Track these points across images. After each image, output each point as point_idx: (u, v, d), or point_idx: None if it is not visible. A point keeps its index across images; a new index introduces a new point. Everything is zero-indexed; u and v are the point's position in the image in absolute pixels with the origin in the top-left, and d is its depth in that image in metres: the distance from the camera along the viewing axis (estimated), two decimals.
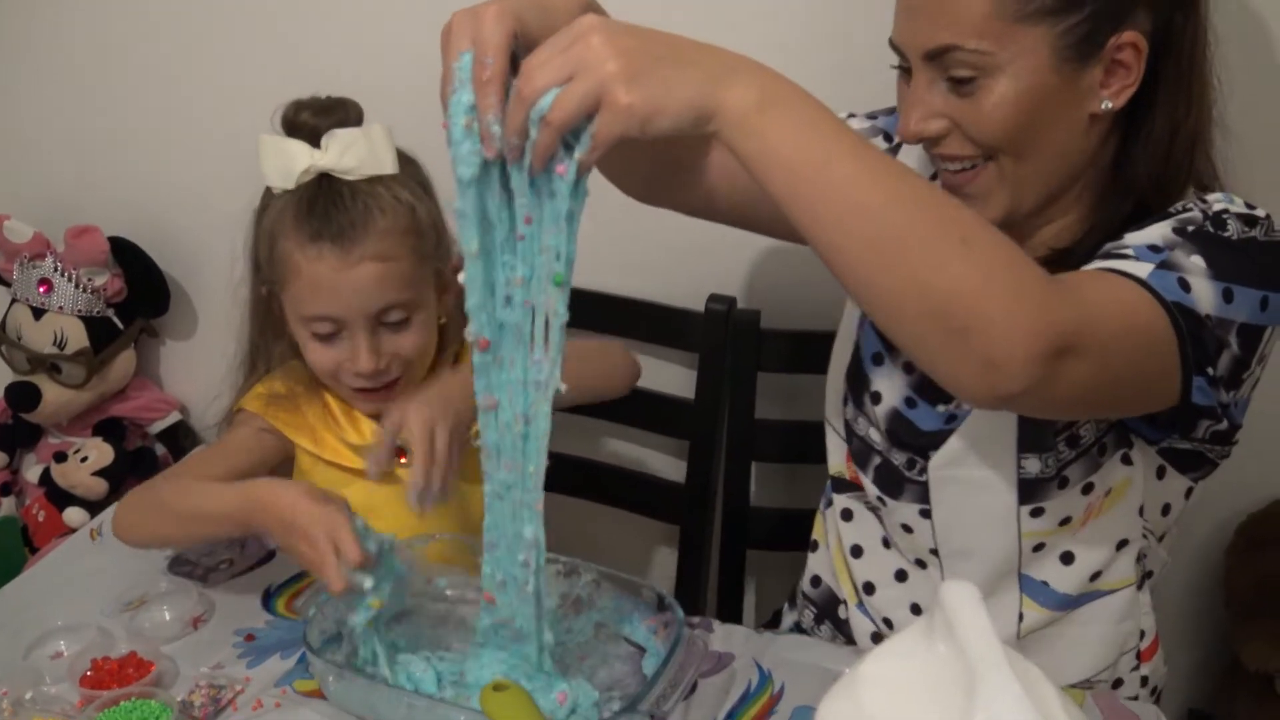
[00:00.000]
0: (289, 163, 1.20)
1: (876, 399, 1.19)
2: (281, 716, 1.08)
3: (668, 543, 1.63)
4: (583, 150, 0.82)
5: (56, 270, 1.78)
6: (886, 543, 1.24)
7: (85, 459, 1.80)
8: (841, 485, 1.28)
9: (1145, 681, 1.22)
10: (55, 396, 1.81)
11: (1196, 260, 0.96)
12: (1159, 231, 0.99)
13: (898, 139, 1.22)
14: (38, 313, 1.79)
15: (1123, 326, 0.92)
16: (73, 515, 1.80)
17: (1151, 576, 1.20)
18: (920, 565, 1.21)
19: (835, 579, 1.31)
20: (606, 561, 1.17)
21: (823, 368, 1.30)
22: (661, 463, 1.68)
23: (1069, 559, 1.14)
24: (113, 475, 1.80)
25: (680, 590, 1.59)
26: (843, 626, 1.30)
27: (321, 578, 1.06)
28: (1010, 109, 1.00)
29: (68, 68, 1.80)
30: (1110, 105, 1.01)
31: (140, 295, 1.84)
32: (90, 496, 1.80)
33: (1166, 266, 0.95)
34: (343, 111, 1.22)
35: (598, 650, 1.14)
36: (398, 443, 1.29)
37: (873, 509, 1.24)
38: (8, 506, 1.87)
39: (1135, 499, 1.12)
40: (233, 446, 1.31)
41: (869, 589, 1.25)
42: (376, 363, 1.24)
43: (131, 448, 1.87)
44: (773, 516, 1.61)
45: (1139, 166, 1.05)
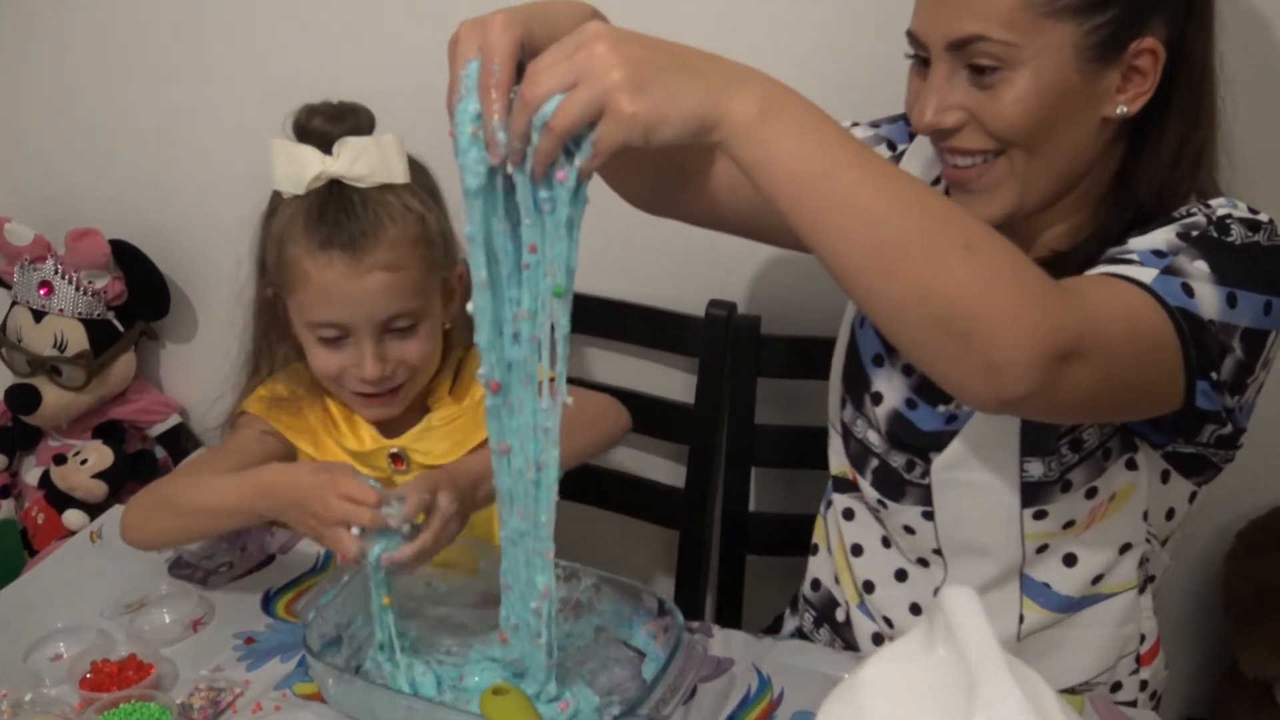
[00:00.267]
0: (300, 168, 1.20)
1: (877, 400, 1.20)
2: (281, 719, 1.08)
3: (667, 548, 1.63)
4: (584, 157, 0.82)
5: (57, 273, 1.78)
6: (886, 542, 1.24)
7: (85, 461, 1.81)
8: (843, 485, 1.28)
9: (1144, 686, 1.22)
10: (55, 399, 1.81)
11: (1200, 265, 0.96)
12: (1163, 236, 0.99)
13: (902, 147, 1.23)
14: (38, 315, 1.79)
15: (1126, 331, 0.92)
16: (72, 518, 1.80)
17: (1154, 580, 1.20)
18: (922, 564, 1.21)
19: (835, 581, 1.31)
20: (606, 566, 1.17)
21: (822, 373, 1.30)
22: (661, 468, 1.68)
23: (1071, 561, 1.14)
24: (112, 478, 1.81)
25: (680, 595, 1.60)
26: (841, 629, 1.30)
27: (335, 546, 1.06)
28: (1030, 103, 1.00)
29: (69, 71, 1.80)
30: (1125, 110, 1.02)
31: (140, 298, 1.84)
32: (90, 499, 1.80)
33: (1170, 272, 0.95)
34: (355, 118, 1.22)
35: (597, 655, 1.14)
36: (393, 450, 1.30)
37: (872, 510, 1.24)
38: (7, 509, 1.87)
39: (1140, 503, 1.12)
40: (236, 449, 1.31)
41: (869, 588, 1.25)
42: (382, 369, 1.24)
43: (131, 450, 1.87)
44: (772, 522, 1.61)
45: (1143, 176, 1.05)
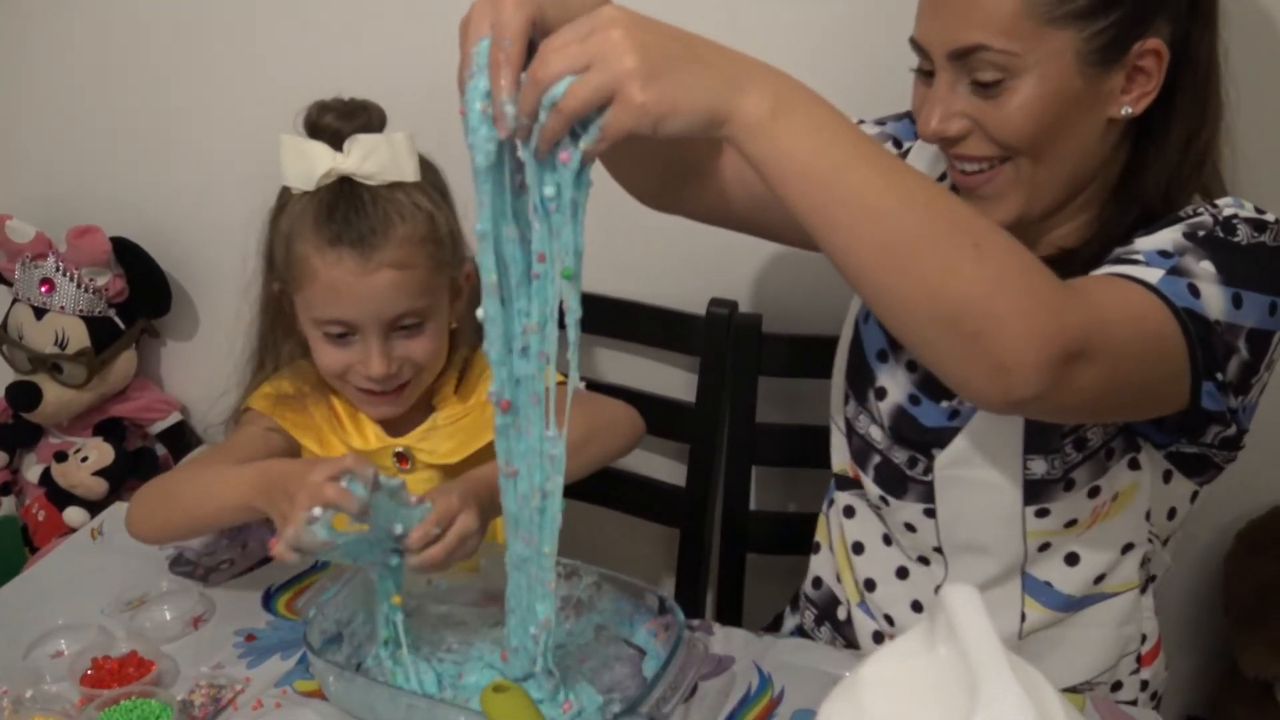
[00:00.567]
0: (310, 164, 1.19)
1: (881, 395, 1.20)
2: (282, 717, 1.08)
3: (668, 546, 1.63)
4: (589, 140, 0.82)
5: (58, 270, 1.78)
6: (888, 540, 1.24)
7: (85, 459, 1.81)
8: (845, 483, 1.29)
9: (1145, 686, 1.22)
10: (56, 396, 1.81)
11: (1206, 266, 0.96)
12: (1169, 236, 0.99)
13: (908, 144, 1.23)
14: (39, 312, 1.79)
15: (1133, 332, 0.92)
16: (73, 515, 1.80)
17: (1155, 580, 1.20)
18: (923, 562, 1.21)
19: (836, 580, 1.31)
20: (607, 564, 1.17)
21: (824, 372, 1.30)
22: (662, 466, 1.68)
23: (1074, 560, 1.14)
24: (113, 475, 1.81)
25: (680, 593, 1.60)
26: (842, 628, 1.30)
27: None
28: (1034, 111, 1.00)
29: (70, 68, 1.80)
30: (1130, 111, 1.02)
31: (142, 295, 1.84)
32: (90, 496, 1.80)
33: (1176, 272, 0.95)
34: (366, 115, 1.22)
35: (598, 653, 1.14)
36: (398, 449, 1.30)
37: (874, 508, 1.24)
38: (8, 506, 1.87)
39: (1142, 503, 1.12)
40: (240, 445, 1.30)
41: (870, 586, 1.25)
42: (388, 367, 1.24)
43: (132, 448, 1.87)
44: (773, 521, 1.61)
45: (1149, 175, 1.05)
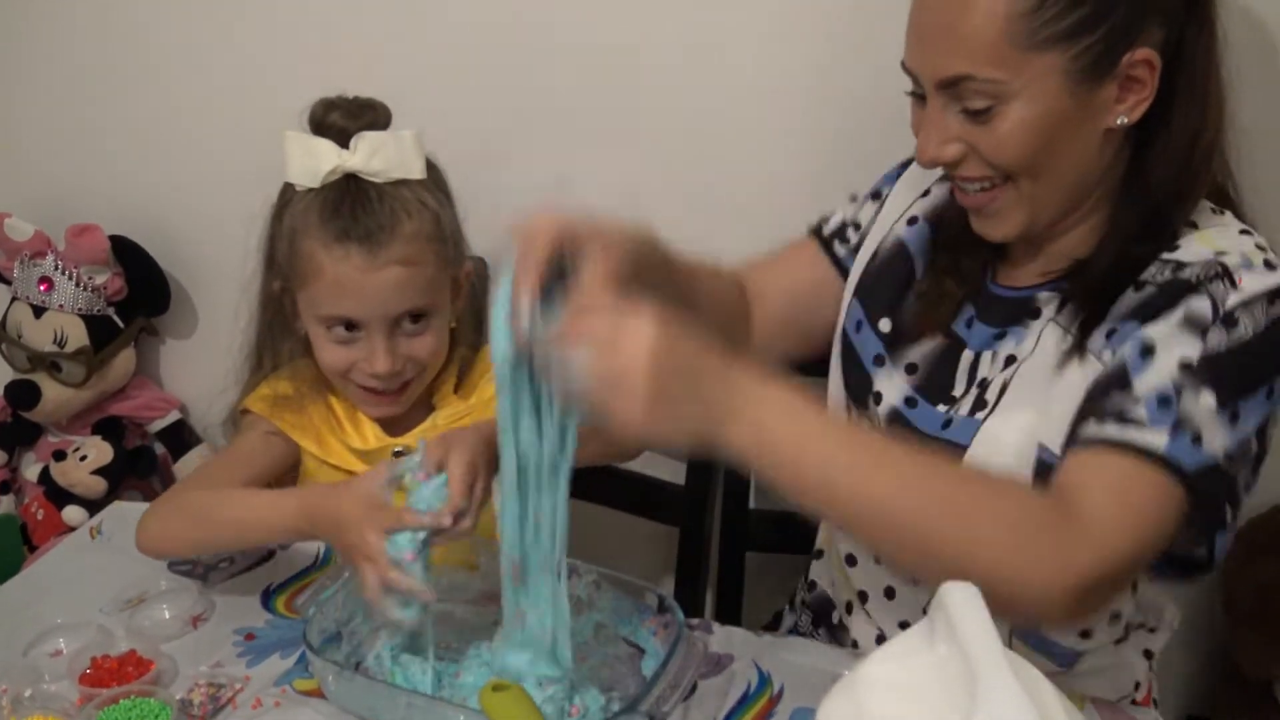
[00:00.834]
0: (315, 161, 1.19)
1: (878, 399, 1.20)
2: (281, 716, 1.08)
3: (667, 545, 1.63)
4: (578, 421, 0.93)
5: (57, 268, 1.78)
6: (878, 559, 1.23)
7: (84, 457, 1.81)
8: None
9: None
10: (55, 395, 1.81)
11: (1206, 399, 0.96)
12: (1168, 365, 0.97)
13: (886, 190, 1.26)
14: (38, 311, 1.79)
15: (1146, 536, 0.95)
16: (71, 514, 1.80)
17: (1148, 631, 1.20)
18: (913, 582, 1.20)
19: (834, 586, 1.30)
20: (606, 563, 1.17)
21: (823, 371, 1.30)
22: (661, 465, 1.68)
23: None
24: (112, 474, 1.81)
25: (680, 592, 1.59)
26: (837, 632, 1.30)
27: (363, 578, 1.06)
28: (1026, 133, 1.00)
29: (69, 66, 1.80)
30: (1125, 120, 1.01)
31: (141, 294, 1.84)
32: (89, 495, 1.80)
33: (1180, 426, 0.95)
34: (372, 113, 1.22)
35: (597, 651, 1.14)
36: (397, 448, 1.30)
37: None
38: (7, 504, 1.88)
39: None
40: (244, 452, 1.31)
41: (864, 598, 1.25)
42: (393, 364, 1.24)
43: (131, 447, 1.87)
44: (772, 519, 1.60)
45: (1155, 175, 1.04)
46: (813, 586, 1.34)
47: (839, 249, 1.29)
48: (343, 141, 1.19)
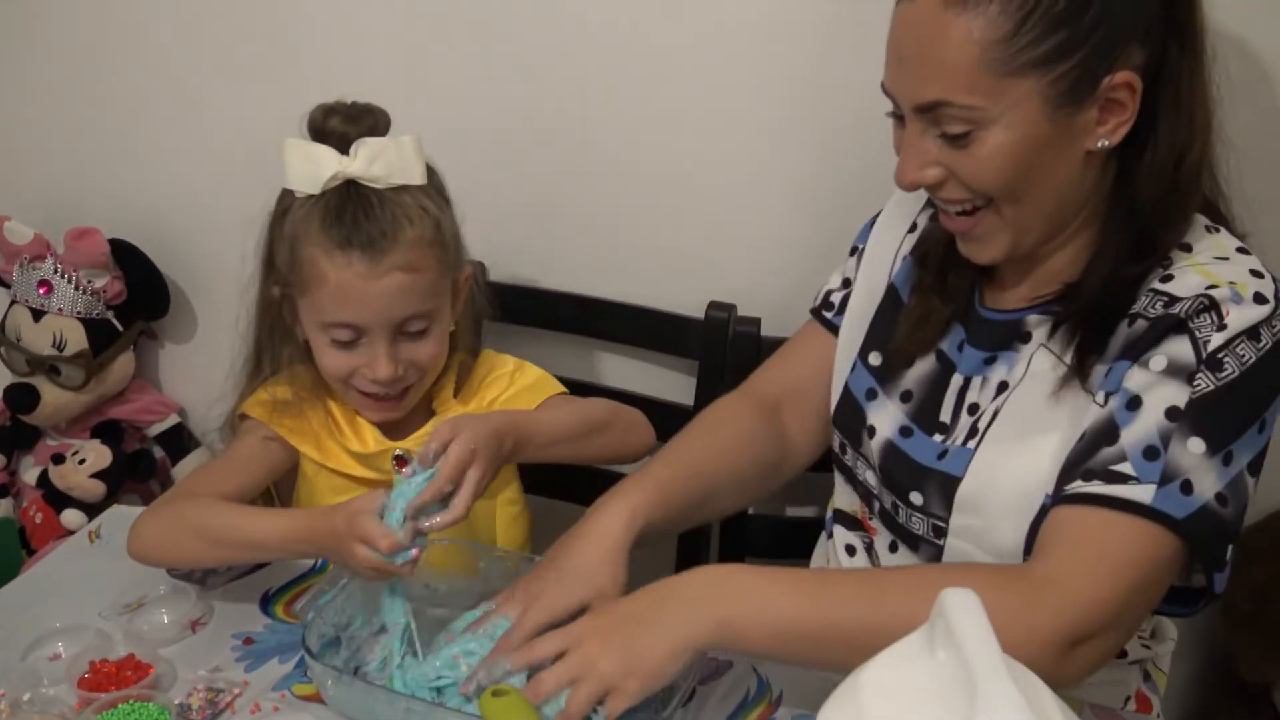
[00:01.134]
0: (316, 168, 1.19)
1: (872, 433, 1.19)
2: None
3: (666, 551, 1.63)
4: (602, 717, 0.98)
5: (56, 272, 1.78)
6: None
7: (83, 461, 1.80)
8: (848, 522, 1.28)
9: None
10: (54, 398, 1.81)
11: (1194, 445, 0.96)
12: (1154, 415, 0.98)
13: (861, 246, 1.26)
14: (37, 314, 1.79)
15: (1128, 585, 0.95)
16: (70, 517, 1.80)
17: (1151, 642, 1.21)
18: None
19: None
20: None
21: None
22: None
23: None
24: (110, 477, 1.81)
25: None
26: None
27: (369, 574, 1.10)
28: (1005, 159, 0.99)
29: (69, 70, 1.80)
30: (1107, 143, 1.00)
31: (140, 298, 1.84)
32: (88, 499, 1.80)
33: (1169, 478, 0.95)
34: (372, 119, 1.21)
35: None
36: (398, 451, 1.30)
37: (873, 556, 1.23)
38: (5, 508, 1.87)
39: None
40: (241, 458, 1.30)
41: None
42: (395, 370, 1.24)
43: (129, 450, 1.87)
44: (771, 525, 1.61)
45: (1140, 195, 1.03)
46: None
47: (829, 315, 1.29)
48: (342, 148, 1.19)
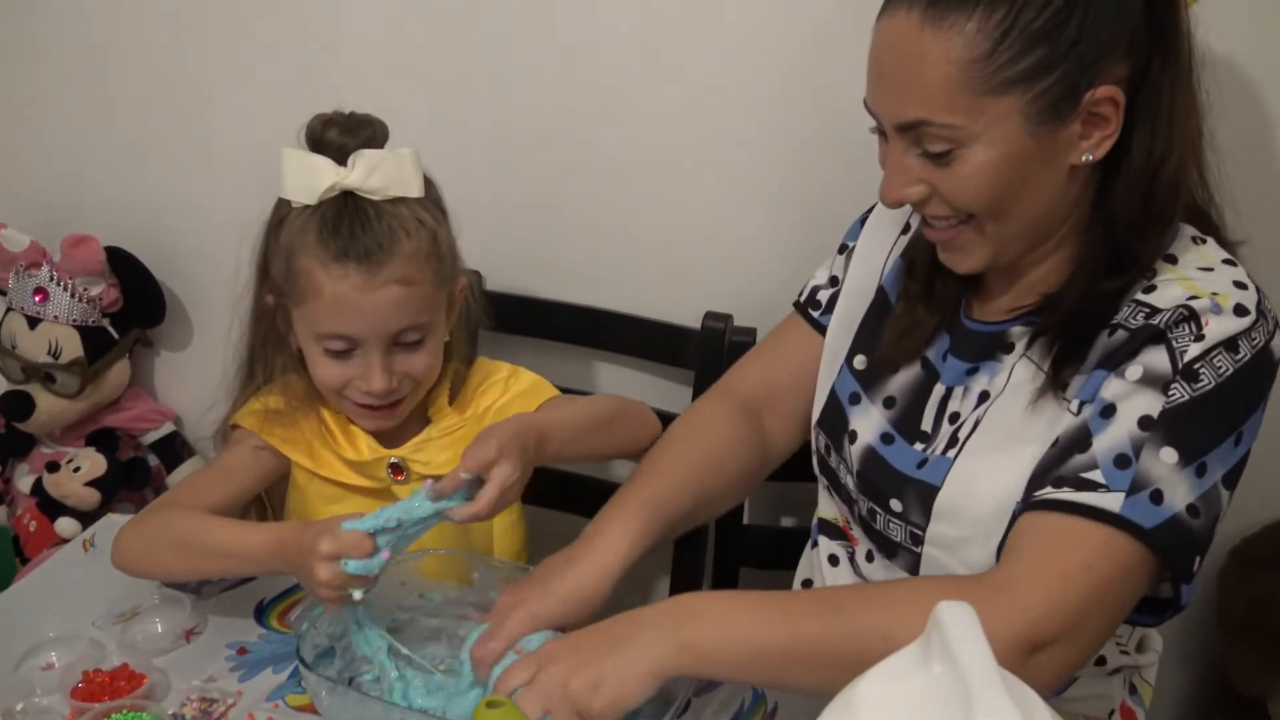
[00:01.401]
0: (313, 179, 1.19)
1: (853, 438, 1.19)
2: None
3: (662, 560, 1.63)
4: None
5: (52, 279, 1.77)
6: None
7: (78, 469, 1.80)
8: (831, 531, 1.28)
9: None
10: (49, 406, 1.81)
11: (1167, 454, 0.96)
12: (1126, 424, 0.97)
13: (851, 244, 1.26)
14: (33, 322, 1.79)
15: (1091, 590, 0.95)
16: (64, 525, 1.79)
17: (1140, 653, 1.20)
18: None
19: None
20: None
21: None
22: None
23: None
24: (105, 486, 1.80)
25: None
26: None
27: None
28: (987, 176, 0.99)
29: (66, 77, 1.80)
30: (1090, 157, 1.00)
31: (136, 305, 1.84)
32: (82, 507, 1.79)
33: (1139, 486, 0.95)
34: (370, 130, 1.21)
35: None
36: (393, 459, 1.30)
37: (856, 567, 1.23)
38: None
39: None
40: (231, 467, 1.30)
41: None
42: (389, 382, 1.23)
43: (124, 458, 1.86)
44: (766, 535, 1.61)
45: (1118, 206, 1.03)
46: None
47: (815, 314, 1.29)
48: (340, 159, 1.19)
